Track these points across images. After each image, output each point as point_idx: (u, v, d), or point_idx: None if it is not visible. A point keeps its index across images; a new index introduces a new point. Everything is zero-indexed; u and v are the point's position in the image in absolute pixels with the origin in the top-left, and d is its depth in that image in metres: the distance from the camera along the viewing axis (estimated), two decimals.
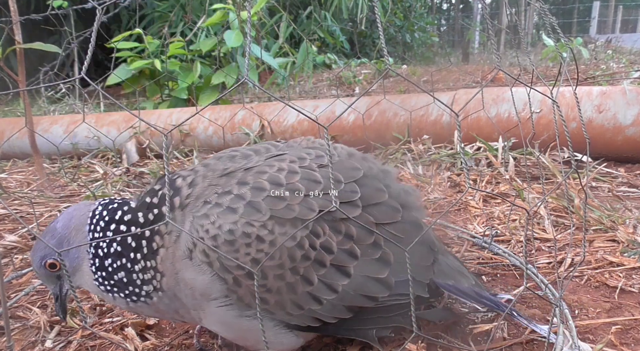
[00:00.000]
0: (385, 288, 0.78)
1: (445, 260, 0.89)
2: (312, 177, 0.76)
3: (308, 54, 4.00)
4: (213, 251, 0.70)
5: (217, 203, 0.73)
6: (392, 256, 0.79)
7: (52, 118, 2.79)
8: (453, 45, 10.57)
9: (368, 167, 0.84)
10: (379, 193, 0.81)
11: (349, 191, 0.78)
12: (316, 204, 0.74)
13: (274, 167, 0.77)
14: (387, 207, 0.81)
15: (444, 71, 4.91)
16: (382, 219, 0.79)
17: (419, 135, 2.24)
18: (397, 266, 0.79)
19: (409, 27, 7.94)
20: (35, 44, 1.61)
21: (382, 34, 0.56)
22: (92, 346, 0.94)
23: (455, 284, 0.86)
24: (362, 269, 0.76)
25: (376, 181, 0.83)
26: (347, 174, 0.80)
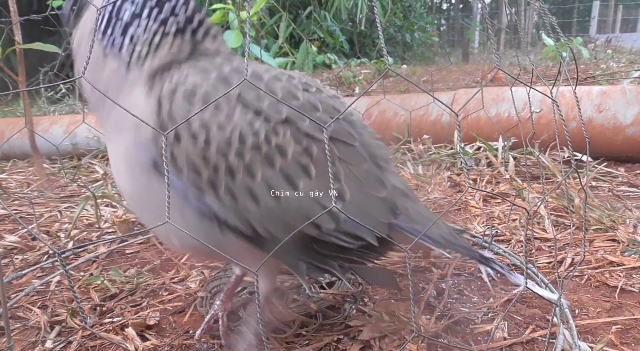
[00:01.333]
0: (331, 220, 0.73)
1: (416, 207, 0.84)
2: (292, 91, 0.74)
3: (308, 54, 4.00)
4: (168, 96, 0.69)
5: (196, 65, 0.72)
6: (349, 195, 0.74)
7: (52, 118, 2.79)
8: (453, 45, 10.57)
9: (349, 112, 0.82)
10: (349, 136, 0.78)
11: (322, 120, 0.74)
12: (285, 110, 0.71)
13: (262, 67, 0.76)
14: (355, 151, 0.77)
15: (443, 71, 4.91)
16: (346, 157, 0.76)
17: (419, 135, 2.24)
18: (350, 206, 0.74)
19: (409, 27, 7.94)
20: (35, 44, 1.61)
21: (381, 34, 0.56)
22: (92, 346, 0.94)
23: (421, 230, 0.80)
24: (312, 191, 0.72)
25: (351, 125, 0.80)
26: (327, 108, 0.77)
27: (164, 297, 1.11)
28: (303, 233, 0.72)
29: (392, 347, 0.87)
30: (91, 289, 1.14)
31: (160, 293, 1.13)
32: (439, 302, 1.01)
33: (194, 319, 1.02)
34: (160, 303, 1.08)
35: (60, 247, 1.40)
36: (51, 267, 1.30)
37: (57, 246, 1.41)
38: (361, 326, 0.93)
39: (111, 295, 1.12)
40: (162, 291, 1.14)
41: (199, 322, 1.00)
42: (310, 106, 0.75)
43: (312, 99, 0.75)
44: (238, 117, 0.69)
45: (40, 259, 1.34)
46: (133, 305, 1.08)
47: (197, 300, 1.08)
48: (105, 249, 1.38)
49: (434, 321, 0.94)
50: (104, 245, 1.42)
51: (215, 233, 0.73)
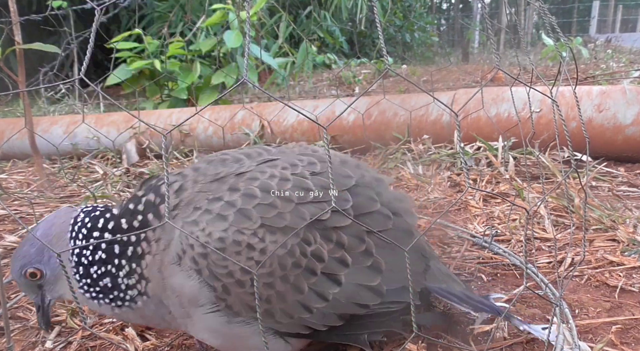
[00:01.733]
0: (376, 296, 0.78)
1: (437, 265, 0.90)
2: (304, 185, 0.76)
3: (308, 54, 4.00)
4: (202, 258, 0.70)
5: (207, 210, 0.72)
6: (384, 264, 0.79)
7: (52, 119, 2.79)
8: (453, 45, 10.57)
9: (361, 175, 0.84)
10: (370, 202, 0.81)
11: (341, 200, 0.77)
12: (307, 212, 0.74)
13: (266, 174, 0.77)
14: (378, 215, 0.81)
15: (443, 71, 4.91)
16: (373, 227, 0.79)
17: (419, 135, 2.24)
18: (388, 273, 0.79)
19: (409, 27, 7.94)
20: (35, 44, 1.61)
21: (381, 33, 0.56)
22: (92, 346, 0.94)
23: (447, 288, 0.87)
24: (353, 277, 0.76)
25: (368, 189, 0.82)
26: (340, 182, 0.79)
27: None
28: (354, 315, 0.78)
29: (392, 347, 0.87)
30: None
31: None
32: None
33: None
34: None
35: None
36: None
37: None
38: None
39: None
40: None
41: None
42: (325, 192, 0.77)
43: (323, 183, 0.78)
44: (270, 246, 0.71)
45: None
46: None
47: None
48: None
49: None
50: None
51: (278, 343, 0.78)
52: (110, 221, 0.77)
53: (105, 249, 0.75)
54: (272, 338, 0.76)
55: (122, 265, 0.74)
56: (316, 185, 0.76)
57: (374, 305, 0.78)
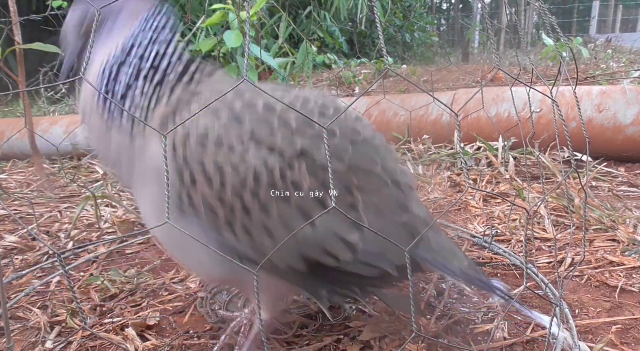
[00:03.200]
0: (348, 250, 0.73)
1: (437, 237, 0.84)
2: (307, 120, 0.72)
3: (308, 54, 4.00)
4: (182, 143, 0.69)
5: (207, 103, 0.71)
6: (366, 224, 0.73)
7: (52, 119, 2.79)
8: (453, 45, 10.57)
9: (371, 136, 0.80)
10: (370, 161, 0.77)
11: (340, 147, 0.73)
12: (300, 143, 0.70)
13: (277, 93, 0.74)
14: (375, 177, 0.76)
15: (443, 71, 4.91)
16: (365, 185, 0.75)
17: (419, 135, 2.24)
18: (369, 235, 0.74)
19: (409, 27, 7.94)
20: (35, 44, 1.61)
21: (381, 33, 0.56)
22: (92, 346, 0.94)
23: (442, 260, 0.81)
24: (329, 224, 0.72)
25: (373, 150, 0.78)
26: (346, 132, 0.76)
27: (164, 297, 1.11)
28: (322, 263, 0.73)
29: (392, 347, 0.87)
30: (91, 289, 1.14)
31: (160, 293, 1.13)
32: (439, 302, 1.01)
33: (194, 319, 1.02)
34: (160, 303, 1.08)
35: (60, 247, 1.40)
36: (51, 267, 1.30)
37: (57, 247, 1.41)
38: (361, 326, 0.93)
39: (111, 295, 1.12)
40: (162, 291, 1.14)
41: (199, 322, 1.00)
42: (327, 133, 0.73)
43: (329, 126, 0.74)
44: (251, 156, 0.69)
45: (40, 259, 1.34)
46: (133, 305, 1.08)
47: (197, 300, 1.08)
48: (105, 250, 1.38)
49: (434, 321, 0.94)
50: (104, 245, 1.42)
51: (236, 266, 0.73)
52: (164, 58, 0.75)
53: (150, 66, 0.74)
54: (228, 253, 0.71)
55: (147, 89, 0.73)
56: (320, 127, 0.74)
57: (345, 259, 0.73)
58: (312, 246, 0.71)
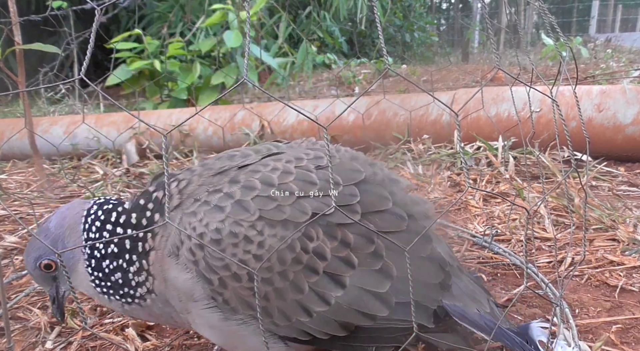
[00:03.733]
0: (384, 306, 0.72)
1: (457, 281, 0.80)
2: (307, 178, 0.73)
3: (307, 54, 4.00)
4: (199, 249, 0.69)
5: (206, 201, 0.71)
6: (395, 270, 0.72)
7: (52, 119, 2.79)
8: (453, 44, 10.57)
9: (372, 172, 0.80)
10: (381, 200, 0.75)
11: (348, 194, 0.73)
12: (309, 206, 0.70)
13: (268, 167, 0.74)
14: (390, 215, 0.75)
15: (443, 71, 4.91)
16: (383, 227, 0.73)
17: (419, 135, 2.24)
18: (399, 282, 0.72)
19: (409, 27, 7.94)
20: (35, 44, 1.61)
21: (381, 33, 0.56)
22: (92, 347, 0.94)
23: (462, 308, 0.77)
24: (359, 281, 0.71)
25: (380, 187, 0.77)
26: (347, 176, 0.75)
27: None
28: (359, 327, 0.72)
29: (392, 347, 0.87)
30: None
31: None
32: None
33: None
34: None
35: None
36: None
37: None
38: None
39: None
40: None
41: None
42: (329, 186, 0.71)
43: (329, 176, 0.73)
44: (268, 239, 0.68)
45: None
46: None
47: None
48: None
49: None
50: None
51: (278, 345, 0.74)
52: (122, 215, 0.76)
53: (117, 244, 0.74)
54: (271, 339, 0.73)
55: (132, 261, 0.74)
56: (321, 179, 0.73)
57: (382, 316, 0.72)
58: (347, 311, 0.71)
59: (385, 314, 0.72)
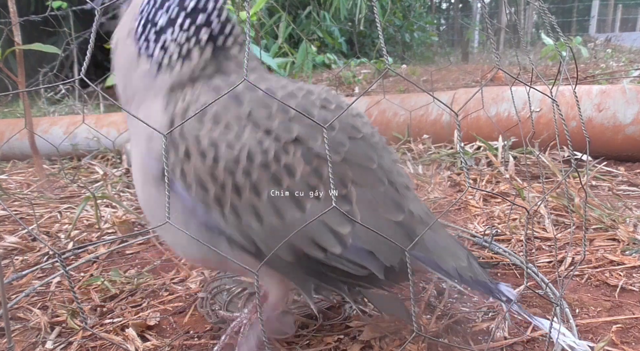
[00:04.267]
0: (338, 244, 0.71)
1: (434, 236, 0.81)
2: (307, 108, 0.73)
3: (307, 54, 4.00)
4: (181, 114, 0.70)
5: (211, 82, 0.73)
6: (359, 218, 0.72)
7: (52, 119, 2.79)
8: (452, 44, 10.57)
9: (371, 133, 0.80)
10: (367, 158, 0.75)
11: (337, 140, 0.73)
12: (297, 130, 0.70)
13: (280, 82, 0.75)
14: (371, 173, 0.75)
15: (443, 71, 4.91)
16: (360, 180, 0.74)
17: (419, 134, 2.24)
18: (361, 231, 0.72)
19: (409, 27, 7.94)
20: (35, 45, 1.61)
21: (381, 33, 0.56)
22: (92, 347, 0.94)
23: (436, 260, 0.78)
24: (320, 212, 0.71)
25: (371, 149, 0.77)
26: (345, 127, 0.75)
27: (164, 298, 1.11)
28: (309, 255, 0.72)
29: (393, 347, 0.87)
30: (91, 290, 1.14)
31: (161, 294, 1.13)
32: (439, 302, 1.01)
33: (195, 319, 1.02)
34: (161, 304, 1.08)
35: (61, 248, 1.40)
36: (51, 268, 1.30)
37: (57, 247, 1.41)
38: (361, 326, 0.93)
39: (111, 295, 1.12)
40: (163, 291, 1.14)
41: (199, 323, 1.00)
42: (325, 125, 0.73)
43: (328, 118, 0.74)
44: (247, 136, 0.69)
45: (41, 260, 1.34)
46: (133, 306, 1.08)
47: (197, 301, 1.08)
48: (105, 250, 1.38)
49: (434, 321, 0.94)
50: (104, 246, 1.42)
51: (222, 247, 0.73)
52: None
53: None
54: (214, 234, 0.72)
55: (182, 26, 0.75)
56: (319, 117, 0.73)
57: (332, 254, 0.72)
58: (300, 235, 0.70)
59: (338, 251, 0.72)
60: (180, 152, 0.70)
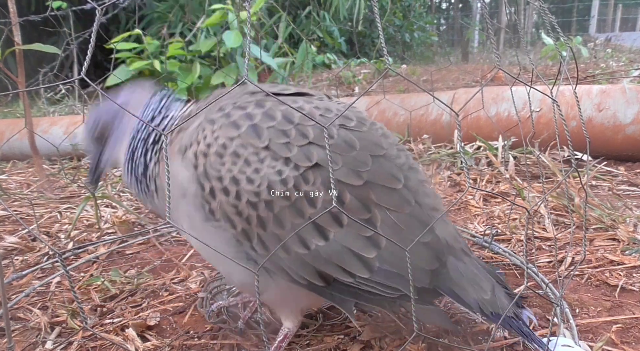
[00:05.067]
0: (364, 268, 0.72)
1: (459, 265, 0.79)
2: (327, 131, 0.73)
3: (307, 54, 4.00)
4: (202, 155, 0.72)
5: (227, 114, 0.74)
6: (385, 243, 0.72)
7: (52, 119, 2.79)
8: (452, 44, 10.57)
9: (396, 154, 0.79)
10: (391, 179, 0.74)
11: (359, 160, 0.72)
12: (316, 155, 0.70)
13: (296, 104, 0.75)
14: (395, 194, 0.74)
15: (443, 70, 4.91)
16: (385, 203, 0.73)
17: (419, 134, 2.24)
18: (387, 254, 0.72)
19: (409, 27, 7.94)
20: (35, 45, 1.61)
21: (381, 33, 0.56)
22: (92, 347, 0.94)
23: (458, 292, 0.77)
24: (344, 240, 0.71)
25: (396, 168, 0.76)
26: (367, 146, 0.74)
27: (164, 298, 1.11)
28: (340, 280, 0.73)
29: (393, 347, 0.87)
30: (91, 290, 1.14)
31: (161, 294, 1.13)
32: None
33: (194, 319, 1.02)
34: (161, 304, 1.08)
35: (61, 248, 1.40)
36: (51, 268, 1.30)
37: (57, 247, 1.41)
38: (362, 326, 0.93)
39: (111, 295, 1.12)
40: (163, 291, 1.14)
41: (199, 322, 1.00)
42: (345, 146, 0.72)
43: (348, 138, 0.73)
44: (266, 168, 0.70)
45: (41, 260, 1.34)
46: (133, 306, 1.08)
47: (197, 301, 1.08)
48: (105, 250, 1.38)
49: None
50: (104, 246, 1.42)
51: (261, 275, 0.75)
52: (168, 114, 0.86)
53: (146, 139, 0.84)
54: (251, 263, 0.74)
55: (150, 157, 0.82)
56: (339, 136, 0.73)
57: (361, 278, 0.72)
58: (326, 262, 0.71)
59: (366, 276, 0.72)
60: (206, 190, 0.72)
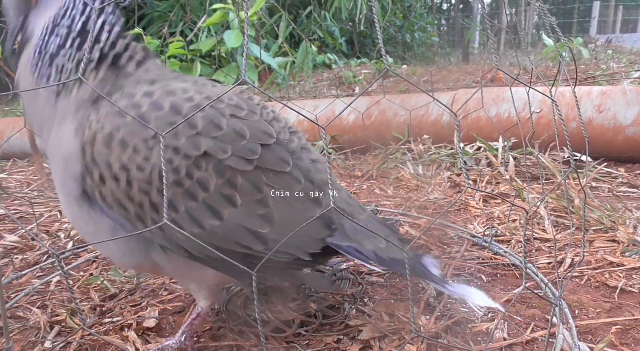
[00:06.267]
0: (259, 241, 0.76)
1: (352, 224, 0.84)
2: (215, 120, 0.75)
3: (308, 54, 4.00)
4: (89, 143, 0.72)
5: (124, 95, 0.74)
6: (277, 216, 0.77)
7: None
8: (453, 45, 10.58)
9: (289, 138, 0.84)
10: (280, 164, 0.79)
11: (248, 149, 0.75)
12: (205, 145, 0.72)
13: (187, 94, 0.76)
14: (287, 176, 0.79)
15: (443, 71, 4.91)
16: (275, 183, 0.78)
17: (419, 135, 2.24)
18: (280, 226, 0.77)
19: (409, 27, 7.94)
20: None
21: (380, 33, 0.56)
22: (92, 346, 0.94)
23: (355, 246, 0.81)
24: (239, 218, 0.75)
25: (286, 153, 0.80)
26: (256, 134, 0.77)
27: (163, 297, 1.11)
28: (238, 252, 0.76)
29: (392, 347, 0.87)
30: (91, 289, 1.14)
31: (160, 293, 1.13)
32: (439, 302, 1.01)
33: None
34: (160, 303, 1.08)
35: (60, 247, 1.40)
36: (51, 267, 1.30)
37: (56, 246, 1.41)
38: (361, 326, 0.93)
39: (111, 294, 1.12)
40: (162, 291, 1.14)
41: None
42: (235, 135, 0.75)
43: (238, 127, 0.76)
44: (156, 156, 0.71)
45: (40, 259, 1.34)
46: (133, 305, 1.08)
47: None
48: None
49: (433, 321, 0.94)
50: None
51: (154, 253, 0.78)
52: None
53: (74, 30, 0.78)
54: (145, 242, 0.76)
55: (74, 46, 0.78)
56: (229, 126, 0.75)
57: (258, 249, 0.76)
58: (222, 239, 0.75)
59: (261, 248, 0.77)
60: (95, 177, 0.73)
